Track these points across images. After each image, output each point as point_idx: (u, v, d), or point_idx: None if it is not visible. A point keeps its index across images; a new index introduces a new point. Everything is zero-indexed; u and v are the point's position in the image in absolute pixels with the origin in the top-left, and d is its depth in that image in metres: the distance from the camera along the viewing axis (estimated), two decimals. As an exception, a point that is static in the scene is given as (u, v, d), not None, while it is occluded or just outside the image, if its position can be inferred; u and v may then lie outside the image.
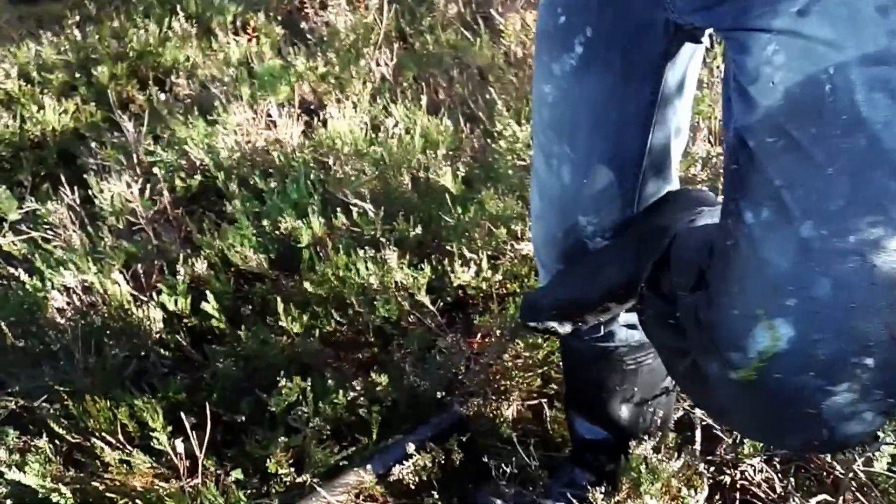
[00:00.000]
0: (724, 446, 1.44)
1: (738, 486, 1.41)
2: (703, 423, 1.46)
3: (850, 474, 1.34)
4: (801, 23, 0.71)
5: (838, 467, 1.38)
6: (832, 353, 0.70)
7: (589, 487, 1.27)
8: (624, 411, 1.28)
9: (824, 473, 1.41)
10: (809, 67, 0.71)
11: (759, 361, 0.73)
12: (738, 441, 1.42)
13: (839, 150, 0.69)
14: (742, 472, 1.41)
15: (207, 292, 1.75)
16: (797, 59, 0.72)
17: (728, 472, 1.42)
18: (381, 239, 1.83)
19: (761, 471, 1.40)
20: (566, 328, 1.11)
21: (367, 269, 1.72)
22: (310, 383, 1.49)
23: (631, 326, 1.20)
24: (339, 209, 1.93)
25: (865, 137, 0.68)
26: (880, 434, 1.32)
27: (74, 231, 2.06)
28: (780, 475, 1.39)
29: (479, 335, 1.70)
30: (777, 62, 0.73)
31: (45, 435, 1.48)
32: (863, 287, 0.69)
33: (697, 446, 1.43)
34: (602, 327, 1.19)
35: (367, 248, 1.78)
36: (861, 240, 0.68)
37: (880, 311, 0.69)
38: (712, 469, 1.42)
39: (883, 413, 0.73)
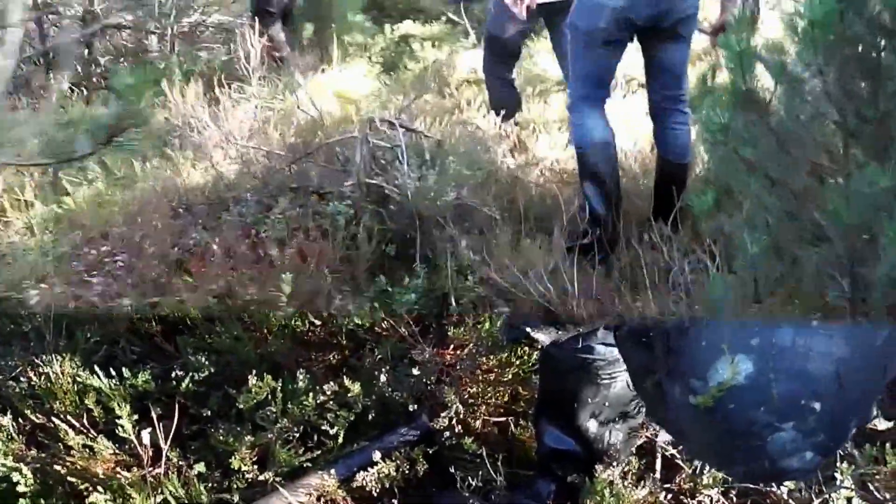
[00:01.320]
0: (684, 475, 1.47)
1: (694, 515, 1.44)
2: (666, 452, 1.49)
3: (804, 512, 1.37)
4: None
5: (792, 505, 1.41)
6: (785, 393, 0.76)
7: None
8: (592, 424, 1.34)
9: (779, 510, 1.44)
10: None
11: (718, 391, 0.79)
12: (697, 471, 1.45)
13: None
14: (699, 503, 1.44)
15: (183, 283, 1.74)
16: None
17: (686, 501, 1.44)
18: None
19: (717, 501, 1.43)
20: (546, 337, 1.20)
21: (345, 272, 1.73)
22: (280, 384, 1.49)
23: (608, 344, 1.27)
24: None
25: None
26: (839, 477, 1.36)
27: (53, 210, 2.04)
28: (735, 508, 1.42)
29: (451, 347, 1.71)
30: None
31: (9, 413, 1.47)
32: (822, 337, 0.75)
33: (658, 474, 1.46)
34: (581, 340, 1.26)
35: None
36: None
37: (835, 361, 0.75)
38: (670, 497, 1.45)
39: (822, 454, 0.80)
